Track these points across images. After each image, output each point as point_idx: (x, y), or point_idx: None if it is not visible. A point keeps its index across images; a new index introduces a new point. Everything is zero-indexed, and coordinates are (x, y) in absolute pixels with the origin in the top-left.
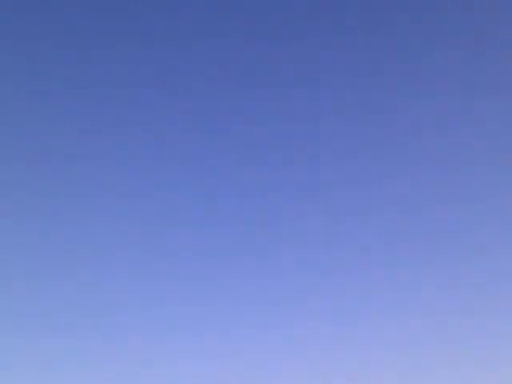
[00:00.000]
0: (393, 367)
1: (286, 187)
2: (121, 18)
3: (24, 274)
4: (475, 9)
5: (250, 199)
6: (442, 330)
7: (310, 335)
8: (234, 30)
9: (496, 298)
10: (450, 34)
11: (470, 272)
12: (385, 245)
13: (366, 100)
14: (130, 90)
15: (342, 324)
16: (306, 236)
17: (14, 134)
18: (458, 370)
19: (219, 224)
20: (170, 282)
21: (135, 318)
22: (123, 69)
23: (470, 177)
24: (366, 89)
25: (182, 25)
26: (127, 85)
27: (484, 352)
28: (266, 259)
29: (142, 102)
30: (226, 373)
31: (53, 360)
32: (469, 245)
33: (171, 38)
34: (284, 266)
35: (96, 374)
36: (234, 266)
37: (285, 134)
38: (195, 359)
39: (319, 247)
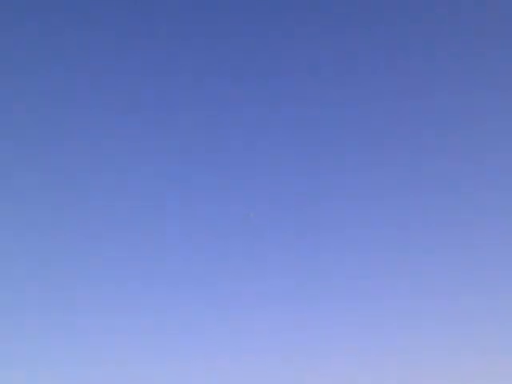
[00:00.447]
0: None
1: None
2: (123, 18)
3: (23, 275)
4: (477, 9)
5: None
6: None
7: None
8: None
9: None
10: (453, 33)
11: (470, 261)
12: (385, 238)
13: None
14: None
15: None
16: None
17: (15, 128)
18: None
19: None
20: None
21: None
22: (119, 57)
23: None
24: (369, 87)
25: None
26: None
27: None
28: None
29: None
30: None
31: (53, 357)
32: (469, 236)
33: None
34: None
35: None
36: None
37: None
38: (190, 327)
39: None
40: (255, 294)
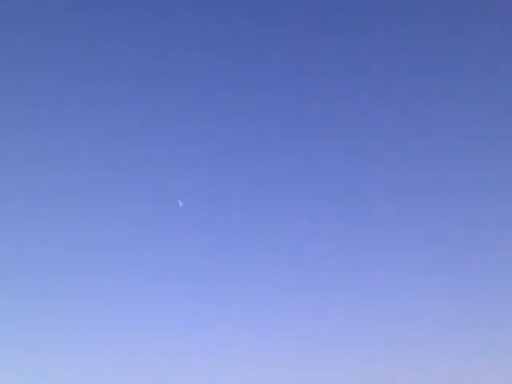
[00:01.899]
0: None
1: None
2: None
3: (26, 274)
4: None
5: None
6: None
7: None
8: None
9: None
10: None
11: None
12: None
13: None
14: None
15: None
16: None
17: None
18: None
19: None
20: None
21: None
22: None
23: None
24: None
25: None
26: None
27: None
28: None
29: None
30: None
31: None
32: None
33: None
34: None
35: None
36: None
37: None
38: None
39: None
40: (265, 285)
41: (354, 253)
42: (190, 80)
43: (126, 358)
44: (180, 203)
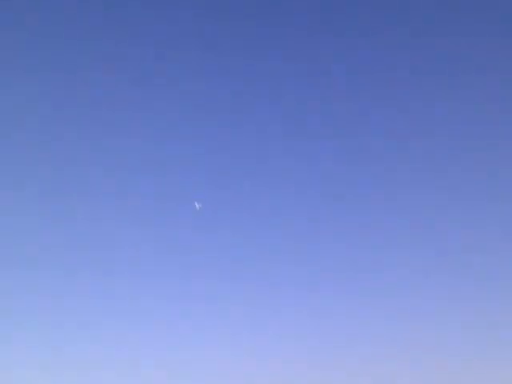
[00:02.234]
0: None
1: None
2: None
3: (32, 281)
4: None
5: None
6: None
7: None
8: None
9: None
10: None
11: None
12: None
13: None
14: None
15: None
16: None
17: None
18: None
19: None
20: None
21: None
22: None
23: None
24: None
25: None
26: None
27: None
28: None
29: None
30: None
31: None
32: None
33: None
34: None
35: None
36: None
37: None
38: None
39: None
40: (266, 284)
41: (354, 253)
42: (190, 80)
43: (126, 357)
44: (197, 206)
